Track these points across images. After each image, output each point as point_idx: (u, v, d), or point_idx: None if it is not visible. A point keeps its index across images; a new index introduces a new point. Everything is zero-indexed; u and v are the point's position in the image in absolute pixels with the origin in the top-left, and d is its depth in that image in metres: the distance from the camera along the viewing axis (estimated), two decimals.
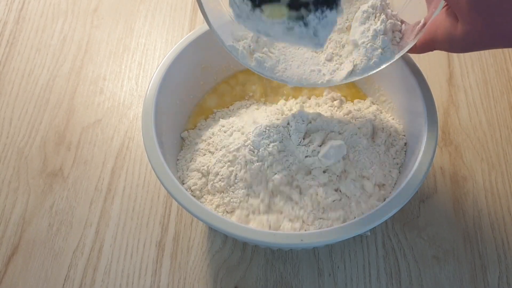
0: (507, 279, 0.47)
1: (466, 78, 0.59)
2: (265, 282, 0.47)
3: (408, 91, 0.47)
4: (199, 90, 0.53)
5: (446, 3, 0.37)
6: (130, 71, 0.61)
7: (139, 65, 0.62)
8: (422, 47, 0.40)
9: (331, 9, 0.37)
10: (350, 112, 0.49)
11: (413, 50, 0.41)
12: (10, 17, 0.66)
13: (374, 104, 0.52)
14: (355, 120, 0.48)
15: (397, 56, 0.41)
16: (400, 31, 0.42)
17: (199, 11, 0.66)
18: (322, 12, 0.37)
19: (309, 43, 0.39)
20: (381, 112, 0.51)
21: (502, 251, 0.49)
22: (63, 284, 0.48)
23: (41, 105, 0.59)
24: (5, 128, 0.57)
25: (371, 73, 0.42)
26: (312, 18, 0.37)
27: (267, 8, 0.37)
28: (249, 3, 0.37)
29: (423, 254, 0.49)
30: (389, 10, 0.42)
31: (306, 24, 0.37)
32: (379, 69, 0.42)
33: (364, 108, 0.51)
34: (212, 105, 0.53)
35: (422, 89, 0.45)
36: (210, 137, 0.48)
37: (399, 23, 0.42)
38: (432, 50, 0.40)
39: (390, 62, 0.42)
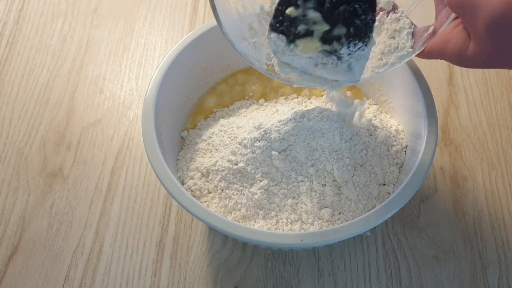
0: (507, 279, 0.47)
1: (466, 78, 0.59)
2: (265, 282, 0.47)
3: (408, 91, 0.47)
4: (198, 90, 0.53)
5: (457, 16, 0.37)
6: (130, 71, 0.61)
7: (139, 65, 0.62)
8: (429, 55, 0.40)
9: (363, 42, 0.38)
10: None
11: (420, 54, 0.41)
12: (10, 17, 0.66)
13: (374, 104, 0.52)
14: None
15: (404, 61, 0.41)
16: (412, 34, 0.42)
17: (199, 11, 0.66)
18: (355, 45, 0.38)
19: (344, 77, 0.40)
20: (381, 112, 0.51)
21: (502, 251, 0.49)
22: (63, 284, 0.48)
23: (41, 105, 0.59)
24: (5, 128, 0.57)
25: (381, 73, 0.42)
26: (345, 51, 0.38)
27: (301, 42, 0.38)
28: (284, 39, 0.38)
29: (423, 254, 0.49)
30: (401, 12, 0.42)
31: (339, 58, 0.39)
32: (390, 69, 0.42)
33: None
34: (212, 105, 0.53)
35: (422, 89, 0.45)
36: (210, 137, 0.48)
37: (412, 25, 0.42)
38: (437, 59, 0.40)
39: (398, 65, 0.42)
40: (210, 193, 0.46)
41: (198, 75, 0.52)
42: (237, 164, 0.44)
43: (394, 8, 0.42)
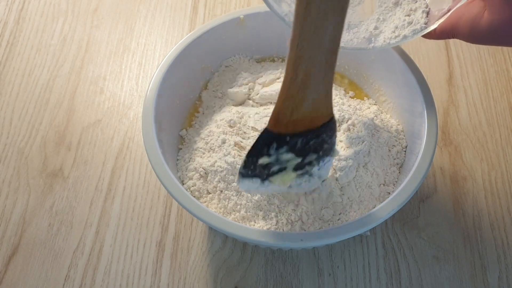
0: (507, 279, 0.47)
1: (466, 78, 0.59)
2: (265, 282, 0.47)
3: (408, 91, 0.47)
4: (198, 90, 0.53)
5: None
6: (130, 71, 0.61)
7: (139, 65, 0.62)
8: (442, 33, 0.40)
9: (330, 156, 0.40)
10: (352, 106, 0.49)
11: (432, 35, 0.41)
12: (10, 18, 0.66)
13: (374, 104, 0.52)
14: (355, 120, 0.48)
15: (416, 36, 0.41)
16: (427, 13, 0.42)
17: (199, 11, 0.66)
18: (323, 161, 0.40)
19: (316, 184, 0.42)
20: (381, 112, 0.51)
21: (502, 251, 0.49)
22: (63, 284, 0.48)
23: (41, 105, 0.59)
24: (5, 128, 0.57)
25: (392, 44, 0.42)
26: (315, 168, 0.40)
27: (276, 179, 0.39)
28: (258, 181, 0.39)
29: (423, 254, 0.49)
30: None
31: (311, 175, 0.40)
32: (402, 42, 0.42)
33: (364, 108, 0.51)
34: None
35: (422, 89, 0.45)
36: (208, 135, 0.48)
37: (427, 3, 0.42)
38: (450, 38, 0.40)
39: (411, 39, 0.42)
40: (209, 193, 0.46)
41: (198, 75, 0.52)
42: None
43: None
